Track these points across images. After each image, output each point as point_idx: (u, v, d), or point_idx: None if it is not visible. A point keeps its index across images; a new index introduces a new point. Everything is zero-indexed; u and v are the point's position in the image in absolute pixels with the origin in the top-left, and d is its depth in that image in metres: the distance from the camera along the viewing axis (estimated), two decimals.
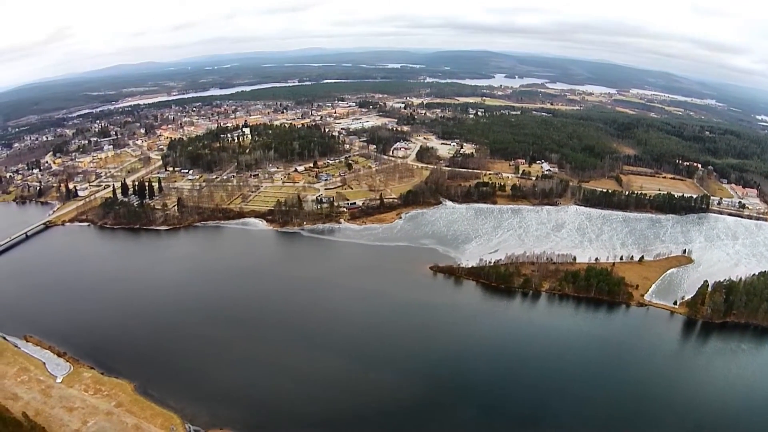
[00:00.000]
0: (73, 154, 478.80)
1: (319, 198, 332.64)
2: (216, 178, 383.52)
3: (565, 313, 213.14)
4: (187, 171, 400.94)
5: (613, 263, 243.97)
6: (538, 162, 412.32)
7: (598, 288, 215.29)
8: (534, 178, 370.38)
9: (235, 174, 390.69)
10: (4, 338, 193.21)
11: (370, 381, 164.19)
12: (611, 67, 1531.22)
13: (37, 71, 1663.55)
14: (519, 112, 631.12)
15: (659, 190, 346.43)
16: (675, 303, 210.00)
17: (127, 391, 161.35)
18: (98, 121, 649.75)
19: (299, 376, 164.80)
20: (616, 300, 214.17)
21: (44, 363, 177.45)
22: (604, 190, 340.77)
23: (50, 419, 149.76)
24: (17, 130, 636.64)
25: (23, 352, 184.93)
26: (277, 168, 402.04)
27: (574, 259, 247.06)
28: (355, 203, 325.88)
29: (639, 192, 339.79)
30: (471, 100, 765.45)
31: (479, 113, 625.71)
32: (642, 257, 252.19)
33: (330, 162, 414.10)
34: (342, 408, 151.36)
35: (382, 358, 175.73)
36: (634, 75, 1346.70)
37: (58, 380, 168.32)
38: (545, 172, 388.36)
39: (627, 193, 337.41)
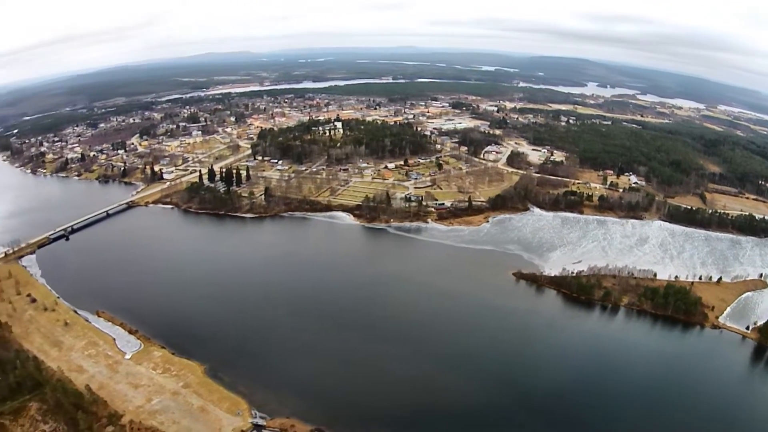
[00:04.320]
0: (161, 137, 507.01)
1: (407, 196, 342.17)
2: (305, 169, 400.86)
3: (642, 329, 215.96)
4: (276, 161, 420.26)
5: (692, 282, 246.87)
6: (626, 174, 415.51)
7: (676, 306, 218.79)
8: (621, 190, 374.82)
9: (324, 167, 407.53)
10: (75, 312, 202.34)
11: (441, 381, 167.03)
12: (700, 82, 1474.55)
13: (123, 55, 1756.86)
14: (610, 122, 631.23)
15: (741, 210, 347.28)
16: (747, 328, 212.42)
17: (197, 373, 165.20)
18: (187, 107, 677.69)
19: (369, 372, 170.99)
20: (691, 320, 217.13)
21: (114, 339, 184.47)
22: (689, 207, 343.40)
23: (113, 394, 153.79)
24: (103, 110, 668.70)
25: (94, 326, 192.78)
26: (368, 164, 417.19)
27: (655, 275, 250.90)
28: (443, 204, 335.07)
29: (722, 211, 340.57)
30: (563, 107, 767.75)
31: (571, 121, 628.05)
32: (720, 278, 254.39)
33: (421, 161, 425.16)
34: (409, 407, 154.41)
35: (456, 359, 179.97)
36: (722, 91, 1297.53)
37: (127, 356, 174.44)
38: (632, 185, 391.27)
39: (710, 211, 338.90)
